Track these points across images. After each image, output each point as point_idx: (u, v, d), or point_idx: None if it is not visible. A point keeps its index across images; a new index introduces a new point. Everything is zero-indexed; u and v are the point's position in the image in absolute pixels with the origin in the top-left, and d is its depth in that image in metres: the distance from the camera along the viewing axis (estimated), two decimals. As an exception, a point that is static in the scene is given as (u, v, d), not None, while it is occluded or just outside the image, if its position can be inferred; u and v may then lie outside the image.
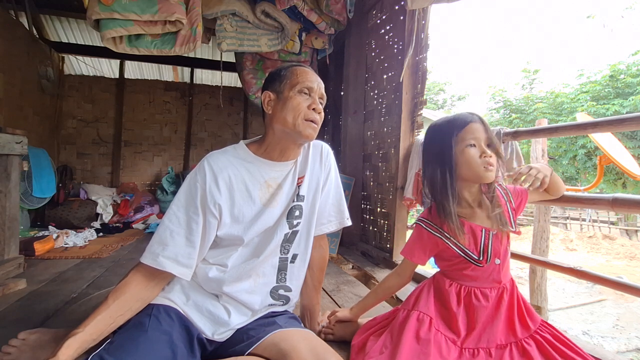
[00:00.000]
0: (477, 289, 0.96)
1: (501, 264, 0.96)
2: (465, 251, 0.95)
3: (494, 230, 0.96)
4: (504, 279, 0.97)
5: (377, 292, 1.14)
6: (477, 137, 0.93)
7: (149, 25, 2.13)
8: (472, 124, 0.93)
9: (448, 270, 1.02)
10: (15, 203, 1.86)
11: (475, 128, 0.93)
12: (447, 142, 0.94)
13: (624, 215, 9.43)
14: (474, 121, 0.94)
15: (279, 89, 0.97)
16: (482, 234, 0.95)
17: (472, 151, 0.93)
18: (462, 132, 0.93)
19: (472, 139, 0.93)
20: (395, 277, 1.10)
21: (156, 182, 4.57)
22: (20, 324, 1.24)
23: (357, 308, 1.16)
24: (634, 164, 2.76)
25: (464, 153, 0.93)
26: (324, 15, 2.74)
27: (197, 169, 0.94)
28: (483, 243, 0.95)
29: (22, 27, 3.36)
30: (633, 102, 7.89)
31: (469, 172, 0.94)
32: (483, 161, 0.92)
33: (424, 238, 1.01)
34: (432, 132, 1.01)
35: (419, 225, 1.02)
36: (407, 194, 2.18)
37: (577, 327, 3.94)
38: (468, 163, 0.93)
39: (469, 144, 0.93)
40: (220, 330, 0.92)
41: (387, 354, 0.89)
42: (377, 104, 2.76)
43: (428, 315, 0.95)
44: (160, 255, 0.86)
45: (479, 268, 0.95)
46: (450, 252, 0.98)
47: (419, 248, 1.02)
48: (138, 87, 4.63)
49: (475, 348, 0.91)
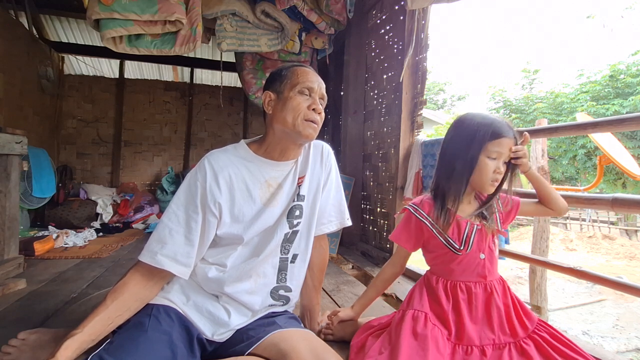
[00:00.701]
0: (462, 282, 0.99)
1: (486, 259, 0.99)
2: (447, 240, 0.99)
3: (479, 225, 0.99)
4: (489, 275, 0.99)
5: (376, 285, 1.15)
6: (501, 152, 0.95)
7: (149, 25, 2.13)
8: (505, 139, 0.95)
9: (434, 265, 1.05)
10: (15, 203, 1.86)
11: (504, 144, 0.95)
12: (478, 144, 0.95)
13: (624, 215, 9.43)
14: (508, 137, 0.95)
15: (279, 89, 0.97)
16: (467, 225, 0.99)
17: (490, 164, 0.95)
18: (493, 143, 0.95)
19: (496, 152, 0.95)
20: (390, 267, 1.12)
21: (156, 182, 4.57)
22: (20, 324, 1.24)
23: (359, 305, 1.16)
24: (633, 164, 2.76)
25: (482, 162, 0.96)
26: (324, 15, 2.74)
27: (198, 167, 0.94)
28: (466, 234, 0.99)
29: (22, 27, 3.36)
30: (633, 102, 7.88)
31: (477, 179, 0.97)
32: (493, 176, 0.95)
33: (412, 223, 1.04)
34: (468, 126, 0.99)
35: (407, 210, 1.05)
36: (407, 194, 2.18)
37: (577, 327, 3.93)
38: (480, 172, 0.96)
39: (491, 156, 0.95)
40: (220, 330, 0.91)
41: (387, 354, 0.89)
42: (377, 104, 2.76)
43: (423, 312, 0.97)
44: (159, 253, 0.86)
45: (464, 262, 0.98)
46: (434, 242, 1.01)
47: (406, 232, 1.05)
48: (138, 87, 4.63)
49: (468, 345, 0.92)
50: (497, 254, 1.05)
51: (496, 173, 0.95)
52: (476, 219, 1.00)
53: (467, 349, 0.91)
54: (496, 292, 0.98)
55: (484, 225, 1.00)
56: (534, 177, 1.06)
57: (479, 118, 0.98)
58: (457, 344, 0.92)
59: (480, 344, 0.91)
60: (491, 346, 0.91)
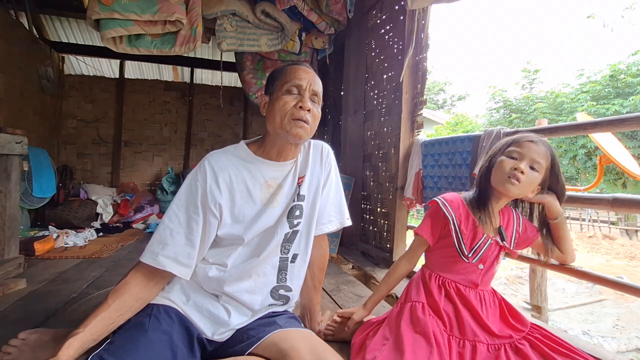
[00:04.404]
0: (452, 282, 1.01)
1: (483, 270, 1.00)
2: (460, 243, 0.99)
3: (493, 240, 1.00)
4: (482, 285, 1.01)
5: (389, 282, 1.14)
6: (523, 152, 0.95)
7: (149, 25, 2.13)
8: (529, 143, 0.96)
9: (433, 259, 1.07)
10: (15, 203, 1.86)
11: (528, 146, 0.96)
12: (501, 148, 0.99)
13: (624, 215, 9.42)
14: (533, 141, 0.96)
15: (271, 90, 0.97)
16: (483, 237, 1.00)
17: (507, 161, 0.96)
18: (516, 144, 0.97)
19: (517, 152, 0.96)
20: (406, 263, 1.11)
21: (156, 182, 4.57)
22: (20, 324, 1.24)
23: (371, 303, 1.15)
24: (634, 164, 2.75)
25: (500, 160, 0.97)
26: (324, 15, 2.74)
27: (198, 168, 0.94)
28: (478, 245, 1.00)
29: (22, 27, 3.36)
30: (633, 102, 7.87)
31: (495, 178, 0.98)
32: (510, 172, 0.94)
33: (440, 216, 1.04)
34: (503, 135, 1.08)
35: (437, 203, 1.05)
36: (407, 194, 2.18)
37: (577, 327, 3.93)
38: (497, 169, 0.98)
39: (511, 156, 0.96)
40: (220, 330, 0.92)
41: (390, 345, 0.90)
42: (377, 104, 2.76)
43: (420, 302, 0.99)
44: (160, 254, 0.86)
45: (463, 265, 1.00)
46: (446, 241, 1.02)
47: (433, 225, 1.05)
48: (138, 87, 4.63)
49: (461, 339, 0.93)
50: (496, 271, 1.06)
51: (515, 170, 0.94)
52: (493, 232, 1.01)
53: (459, 341, 0.93)
54: (485, 300, 1.00)
55: (497, 242, 1.01)
56: (560, 228, 1.05)
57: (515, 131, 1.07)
58: (450, 336, 0.94)
59: (472, 339, 0.93)
60: (486, 345, 0.92)
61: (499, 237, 1.01)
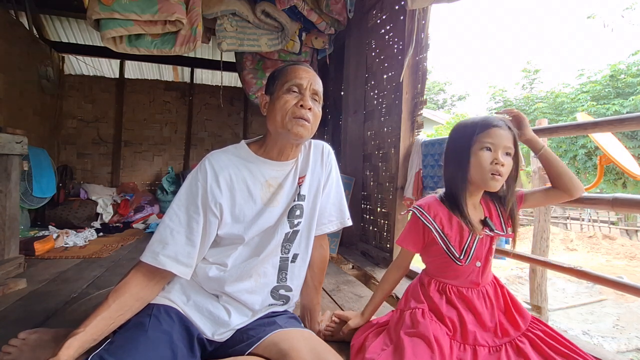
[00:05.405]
0: (454, 286, 0.99)
1: (482, 266, 0.99)
2: (449, 247, 0.97)
3: (481, 235, 0.98)
4: (482, 281, 1.00)
5: (383, 289, 1.13)
6: (495, 142, 0.92)
7: (149, 25, 2.13)
8: (496, 129, 0.92)
9: (430, 267, 1.05)
10: (15, 203, 1.86)
11: (497, 133, 0.92)
12: (468, 138, 0.94)
13: (624, 215, 9.43)
14: (498, 126, 0.93)
15: (272, 90, 0.97)
16: (469, 235, 0.97)
17: (485, 155, 0.93)
18: (483, 134, 0.93)
19: (489, 143, 0.92)
20: (395, 270, 1.11)
21: (156, 182, 4.57)
22: (20, 324, 1.24)
23: (368, 312, 1.14)
24: (634, 164, 2.75)
25: (477, 155, 0.93)
26: (324, 15, 2.74)
27: (199, 168, 0.94)
28: (467, 244, 0.97)
29: (22, 27, 3.36)
30: (633, 102, 7.87)
31: (476, 175, 0.95)
32: (492, 168, 0.92)
33: (419, 226, 1.02)
34: (458, 128, 1.01)
35: (414, 213, 1.03)
36: (407, 194, 2.18)
37: (577, 327, 3.93)
38: (477, 166, 0.93)
39: (484, 147, 0.93)
40: (220, 330, 0.92)
41: (390, 350, 0.90)
42: (377, 104, 2.76)
43: (420, 307, 0.98)
44: (161, 253, 0.86)
45: (459, 268, 0.98)
46: (435, 248, 1.00)
47: (413, 236, 1.03)
48: (138, 87, 4.63)
49: (462, 343, 0.92)
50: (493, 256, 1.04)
51: (495, 164, 0.92)
52: (480, 226, 0.98)
53: (460, 346, 0.92)
54: (488, 296, 0.99)
55: (486, 234, 0.98)
56: (548, 157, 1.00)
57: (469, 119, 0.99)
58: (452, 339, 0.93)
59: (473, 343, 0.92)
60: (487, 348, 0.91)
61: (488, 229, 0.98)
